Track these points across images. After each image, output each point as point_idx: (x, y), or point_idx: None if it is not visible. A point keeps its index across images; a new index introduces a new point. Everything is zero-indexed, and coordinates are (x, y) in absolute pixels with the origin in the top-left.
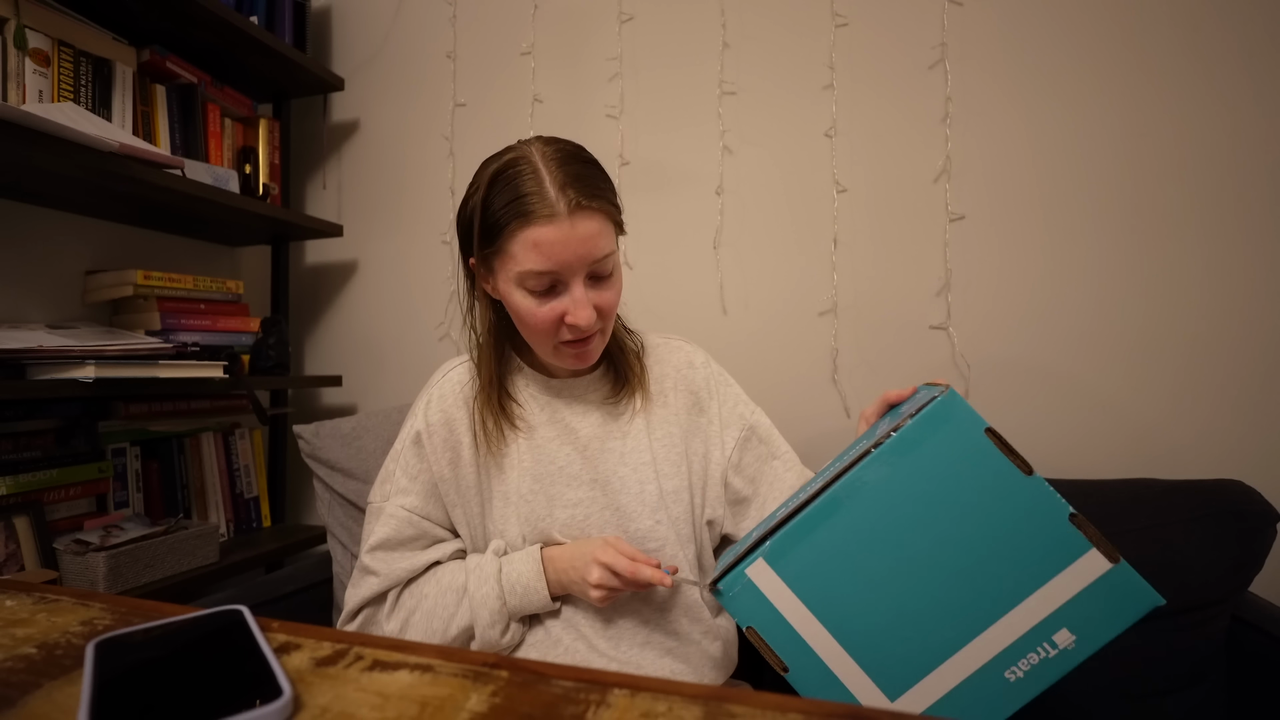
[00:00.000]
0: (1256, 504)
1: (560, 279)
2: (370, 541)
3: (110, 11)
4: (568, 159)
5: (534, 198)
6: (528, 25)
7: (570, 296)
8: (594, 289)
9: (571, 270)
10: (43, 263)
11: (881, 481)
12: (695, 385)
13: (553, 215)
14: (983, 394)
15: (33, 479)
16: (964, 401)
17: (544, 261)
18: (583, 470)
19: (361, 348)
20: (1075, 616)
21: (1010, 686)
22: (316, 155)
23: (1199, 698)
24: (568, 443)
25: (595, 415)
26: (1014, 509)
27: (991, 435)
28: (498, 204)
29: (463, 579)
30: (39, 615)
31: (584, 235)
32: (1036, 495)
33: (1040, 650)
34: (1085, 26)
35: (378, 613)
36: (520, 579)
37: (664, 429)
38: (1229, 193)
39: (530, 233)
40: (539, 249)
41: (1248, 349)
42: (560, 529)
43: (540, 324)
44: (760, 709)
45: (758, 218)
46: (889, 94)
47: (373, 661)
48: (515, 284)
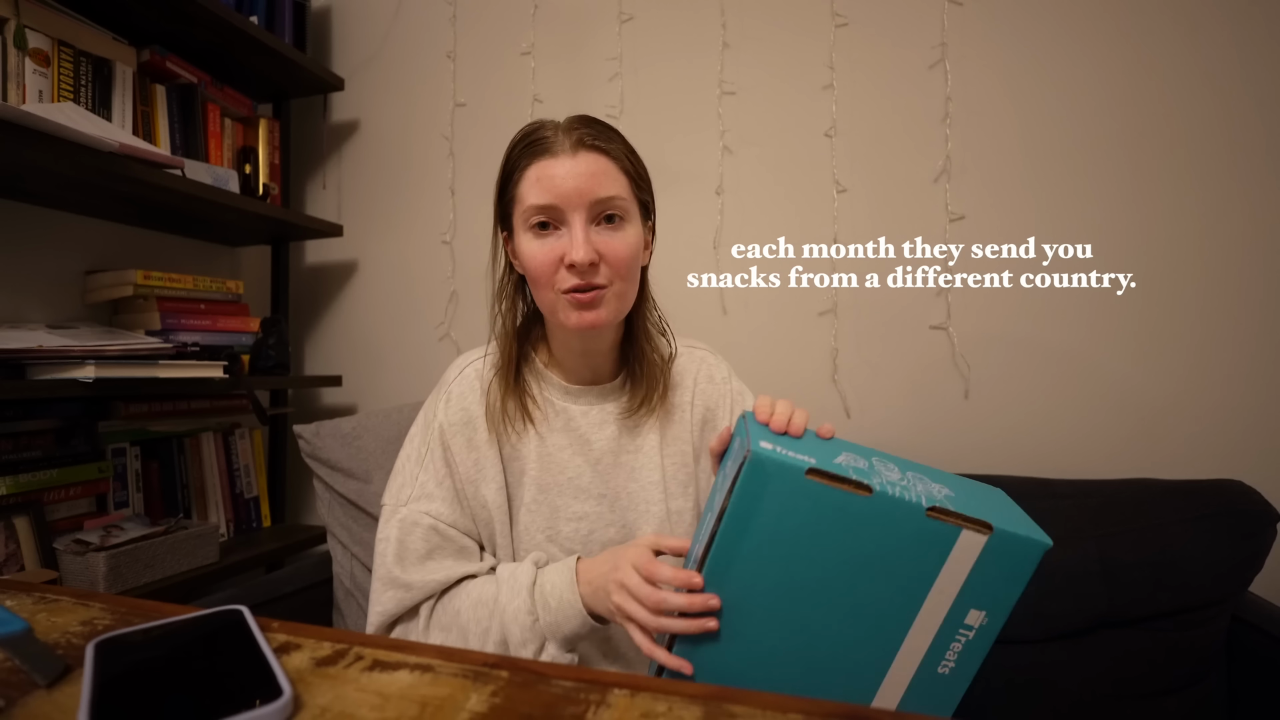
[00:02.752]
0: (1256, 504)
1: (561, 215)
2: (393, 550)
3: (110, 11)
4: (585, 116)
5: (544, 139)
6: (528, 25)
7: (570, 235)
8: (599, 234)
9: (571, 205)
10: (43, 263)
11: (739, 558)
12: (711, 401)
13: (557, 151)
14: (982, 394)
15: (33, 479)
16: (769, 457)
17: (544, 194)
18: (592, 483)
19: (361, 348)
20: (976, 595)
21: (947, 679)
22: (316, 155)
23: (1199, 698)
24: (579, 453)
25: (611, 427)
26: (873, 530)
27: (815, 475)
28: (514, 151)
29: (494, 590)
30: (39, 615)
31: (586, 170)
32: (888, 509)
33: (959, 637)
34: (1085, 26)
35: (410, 630)
36: (554, 591)
37: (676, 446)
38: (1229, 193)
39: (535, 168)
40: (540, 182)
41: (1247, 350)
42: (563, 543)
43: (541, 267)
44: (760, 709)
45: (758, 218)
46: (889, 94)
47: (373, 661)
48: (525, 229)
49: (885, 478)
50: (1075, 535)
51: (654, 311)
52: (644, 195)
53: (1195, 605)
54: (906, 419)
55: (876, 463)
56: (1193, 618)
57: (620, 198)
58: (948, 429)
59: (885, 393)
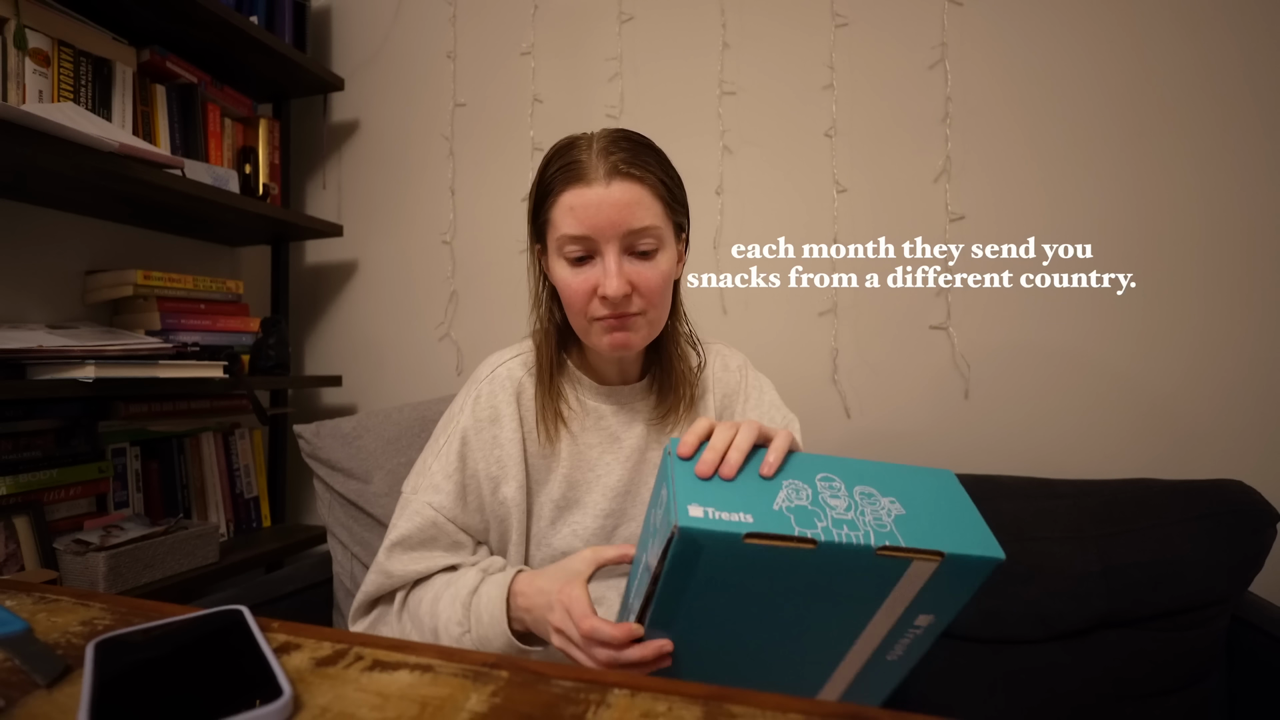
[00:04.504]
0: (1256, 504)
1: (595, 246)
2: (392, 536)
3: (110, 11)
4: (622, 136)
5: (578, 163)
6: (528, 25)
7: (603, 265)
8: (632, 264)
9: (604, 236)
10: (43, 263)
11: (680, 611)
12: (728, 388)
13: (591, 179)
14: (982, 394)
15: (33, 479)
16: (699, 529)
17: (577, 225)
18: (620, 480)
19: (361, 348)
20: (926, 604)
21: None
22: (316, 155)
23: (1199, 698)
24: (609, 451)
25: (640, 426)
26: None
27: (754, 538)
28: (549, 172)
29: (441, 589)
30: (39, 615)
31: (619, 200)
32: (834, 555)
33: (908, 635)
34: (1085, 26)
35: (387, 612)
36: (488, 606)
37: None
38: (1229, 194)
39: (568, 195)
40: (574, 212)
41: (1247, 349)
42: (587, 539)
43: (574, 296)
44: (760, 709)
45: (758, 218)
46: (889, 94)
47: (373, 661)
48: (558, 255)
49: (831, 514)
50: (1075, 535)
51: (685, 324)
52: (679, 217)
53: (1195, 605)
54: (906, 419)
55: (821, 487)
56: (1193, 618)
57: (654, 227)
58: (948, 429)
59: (885, 393)
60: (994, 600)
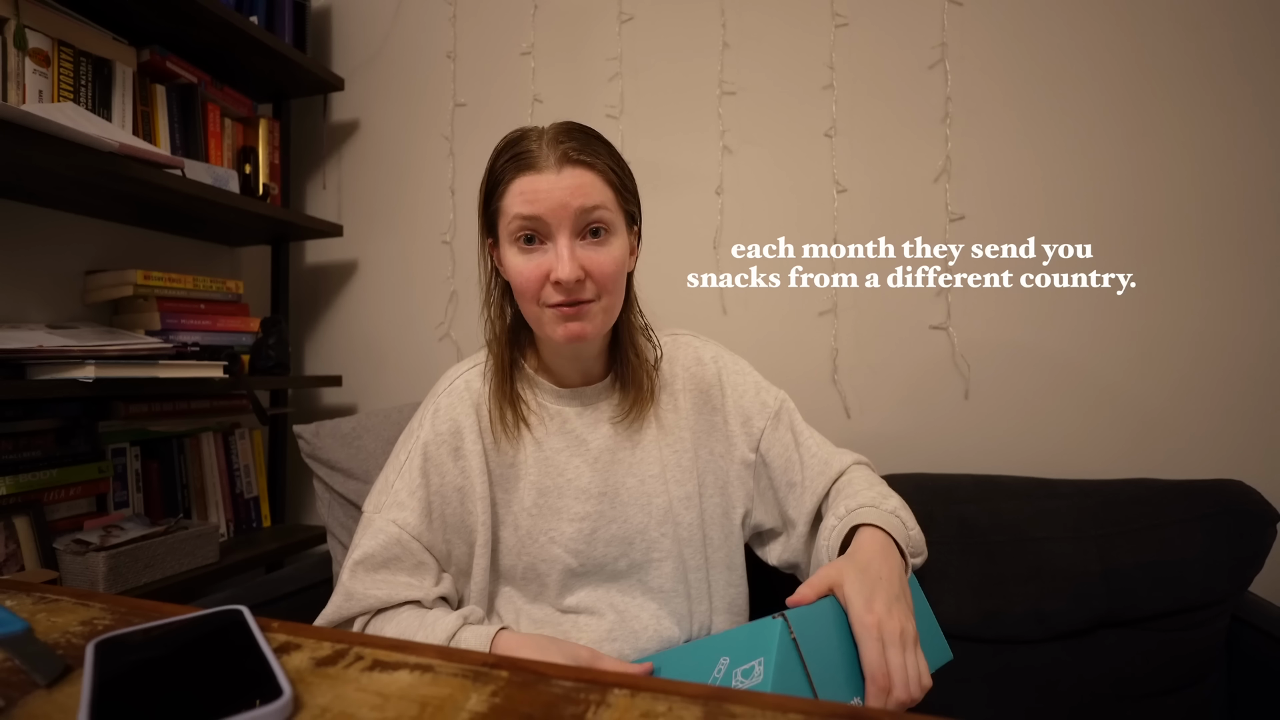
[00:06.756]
0: (1256, 504)
1: (547, 229)
2: (354, 555)
3: (110, 11)
4: (572, 126)
5: (529, 153)
6: (528, 25)
7: (555, 250)
8: (585, 249)
9: (556, 219)
10: (43, 263)
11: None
12: (705, 383)
13: (542, 167)
14: (982, 394)
15: (33, 479)
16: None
17: (529, 207)
18: (591, 483)
19: (361, 348)
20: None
21: None
22: (316, 155)
23: (1199, 698)
24: (577, 454)
25: (606, 426)
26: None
27: None
28: (499, 163)
29: (411, 627)
30: (39, 615)
31: (570, 184)
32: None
33: None
34: (1085, 26)
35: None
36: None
37: (675, 434)
38: (1229, 194)
39: (520, 182)
40: (524, 195)
41: (1247, 349)
42: (566, 544)
43: (527, 282)
44: (760, 709)
45: (758, 218)
46: (889, 94)
47: (373, 661)
48: (510, 242)
49: None
50: (1075, 535)
51: (639, 317)
52: (630, 206)
53: (1195, 605)
54: (906, 419)
55: None
56: (1193, 618)
57: (605, 210)
58: (948, 429)
59: (885, 393)
60: (994, 600)
